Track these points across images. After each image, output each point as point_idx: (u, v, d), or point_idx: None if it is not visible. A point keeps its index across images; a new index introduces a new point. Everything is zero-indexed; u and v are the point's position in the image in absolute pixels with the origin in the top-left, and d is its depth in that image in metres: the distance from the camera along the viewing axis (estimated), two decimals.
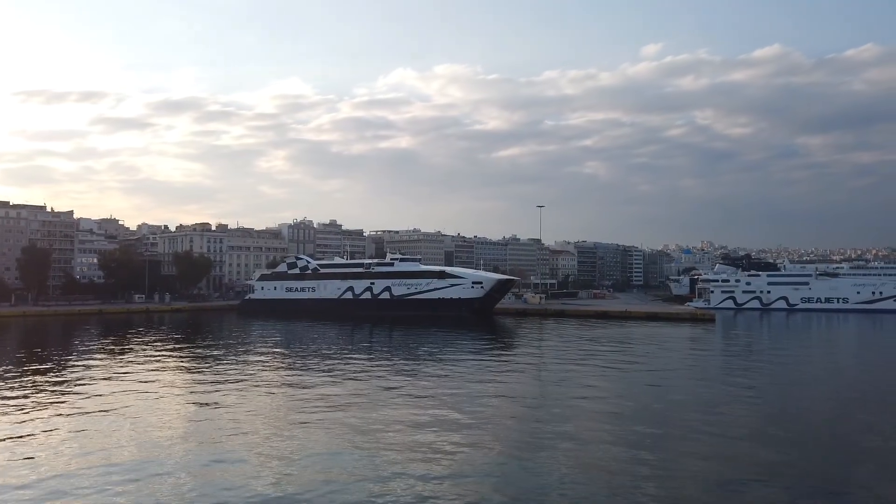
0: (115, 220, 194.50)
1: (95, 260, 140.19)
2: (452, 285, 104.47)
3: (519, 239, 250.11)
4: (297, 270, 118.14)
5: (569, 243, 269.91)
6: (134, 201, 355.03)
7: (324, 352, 56.54)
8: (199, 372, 44.79)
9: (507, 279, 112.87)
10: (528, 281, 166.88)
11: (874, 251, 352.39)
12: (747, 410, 32.45)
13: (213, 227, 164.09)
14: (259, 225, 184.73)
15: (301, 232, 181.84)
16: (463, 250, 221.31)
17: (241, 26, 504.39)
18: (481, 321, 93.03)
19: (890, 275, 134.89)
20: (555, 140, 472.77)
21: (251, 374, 42.90)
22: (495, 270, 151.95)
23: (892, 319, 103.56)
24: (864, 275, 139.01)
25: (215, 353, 56.15)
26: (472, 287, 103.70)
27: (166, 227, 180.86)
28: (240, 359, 51.43)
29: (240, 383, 39.13)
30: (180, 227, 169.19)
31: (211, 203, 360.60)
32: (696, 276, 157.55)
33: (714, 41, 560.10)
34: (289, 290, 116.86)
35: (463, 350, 60.07)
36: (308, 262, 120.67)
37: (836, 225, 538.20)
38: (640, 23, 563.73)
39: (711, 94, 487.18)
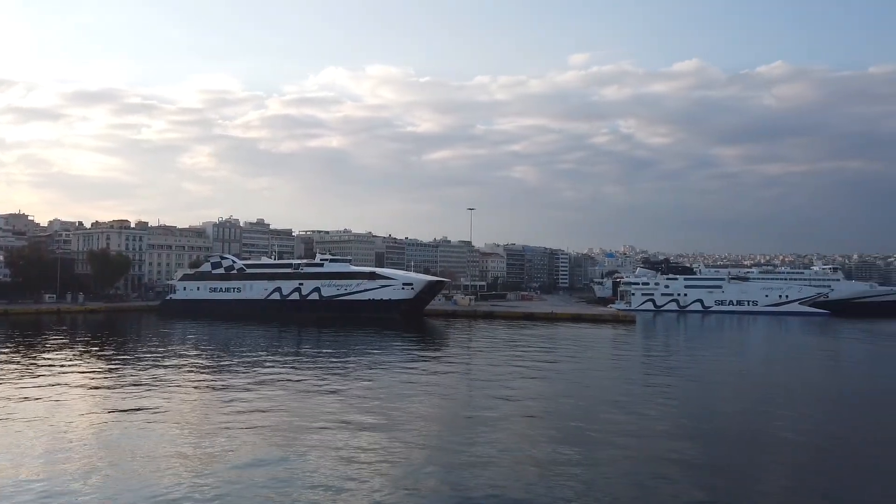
0: (24, 216, 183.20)
1: (1, 257, 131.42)
2: (383, 286, 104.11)
3: (449, 241, 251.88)
4: (221, 270, 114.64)
5: (498, 246, 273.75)
6: (45, 196, 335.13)
7: (248, 355, 55.24)
8: (113, 376, 42.85)
9: (437, 281, 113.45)
10: (458, 283, 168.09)
11: (781, 257, 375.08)
12: (663, 409, 34.06)
13: (133, 225, 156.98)
14: (182, 223, 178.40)
15: (226, 231, 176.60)
16: (394, 251, 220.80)
17: (166, 18, 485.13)
18: (411, 323, 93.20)
19: (795, 279, 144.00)
20: (485, 144, 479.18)
21: (170, 379, 41.44)
22: (426, 272, 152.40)
23: (797, 321, 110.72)
24: (772, 279, 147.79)
25: (132, 355, 53.86)
26: (403, 288, 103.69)
27: (81, 223, 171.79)
28: (158, 362, 49.48)
29: (157, 388, 37.74)
30: (96, 224, 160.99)
31: (130, 199, 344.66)
32: (618, 280, 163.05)
33: (637, 54, 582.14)
34: (213, 290, 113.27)
35: (392, 352, 60.14)
36: (234, 261, 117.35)
37: (747, 232, 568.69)
38: (568, 33, 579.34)
39: (634, 104, 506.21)
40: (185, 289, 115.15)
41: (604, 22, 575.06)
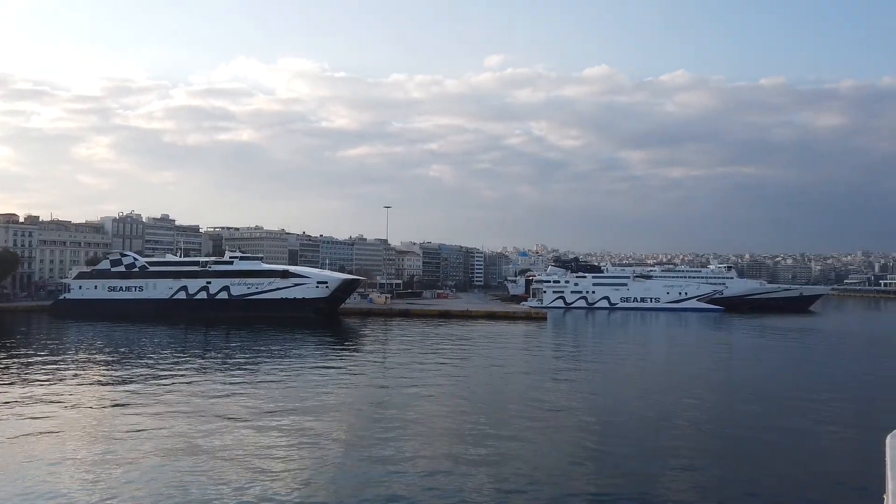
0: None
1: None
2: (296, 285, 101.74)
3: (366, 239, 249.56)
4: (122, 268, 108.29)
5: (414, 244, 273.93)
6: None
7: (149, 357, 52.52)
8: None
9: (352, 279, 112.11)
10: (375, 281, 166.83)
11: (681, 256, 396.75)
12: (570, 399, 35.24)
13: (21, 219, 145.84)
14: (78, 218, 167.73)
15: (127, 226, 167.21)
16: (308, 249, 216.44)
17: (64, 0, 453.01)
18: (326, 322, 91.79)
19: (693, 277, 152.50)
20: (402, 142, 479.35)
21: (61, 384, 38.79)
22: (342, 270, 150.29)
23: (694, 317, 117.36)
24: (673, 277, 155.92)
25: (18, 359, 49.95)
26: (317, 287, 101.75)
27: None
28: (47, 366, 46.17)
29: (46, 396, 35.24)
30: None
31: (19, 192, 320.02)
32: (530, 278, 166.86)
33: (550, 58, 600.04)
34: (112, 289, 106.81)
35: (305, 353, 58.99)
36: (135, 259, 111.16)
37: (651, 232, 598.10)
38: (484, 34, 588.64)
39: (547, 106, 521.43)
40: (80, 288, 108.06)
41: (519, 25, 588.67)
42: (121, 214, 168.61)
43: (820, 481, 22.09)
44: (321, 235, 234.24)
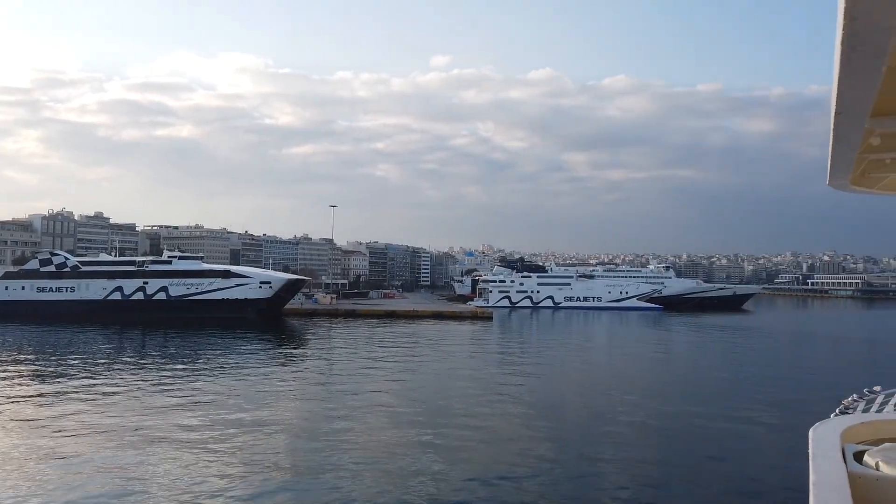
0: None
1: None
2: (238, 285, 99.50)
3: (311, 238, 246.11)
4: (52, 268, 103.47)
5: (361, 244, 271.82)
6: None
7: (79, 363, 50.27)
8: None
9: (296, 279, 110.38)
10: (320, 281, 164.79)
11: (622, 256, 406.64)
12: (515, 398, 35.65)
13: None
14: (4, 215, 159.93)
15: (58, 224, 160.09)
16: (251, 249, 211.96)
17: None
18: (269, 323, 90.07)
19: (634, 277, 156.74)
20: (348, 141, 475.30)
21: None
22: (286, 270, 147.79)
23: (635, 315, 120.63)
24: (615, 277, 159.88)
25: None
26: (260, 287, 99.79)
27: None
28: None
29: None
30: None
31: None
32: (477, 277, 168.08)
33: (497, 59, 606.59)
34: (41, 290, 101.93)
35: (247, 355, 57.68)
36: (66, 258, 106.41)
37: (594, 232, 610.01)
38: (430, 34, 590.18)
39: (493, 108, 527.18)
40: (6, 289, 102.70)
41: (465, 27, 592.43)
42: (51, 212, 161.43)
43: (749, 475, 22.97)
44: (264, 235, 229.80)
